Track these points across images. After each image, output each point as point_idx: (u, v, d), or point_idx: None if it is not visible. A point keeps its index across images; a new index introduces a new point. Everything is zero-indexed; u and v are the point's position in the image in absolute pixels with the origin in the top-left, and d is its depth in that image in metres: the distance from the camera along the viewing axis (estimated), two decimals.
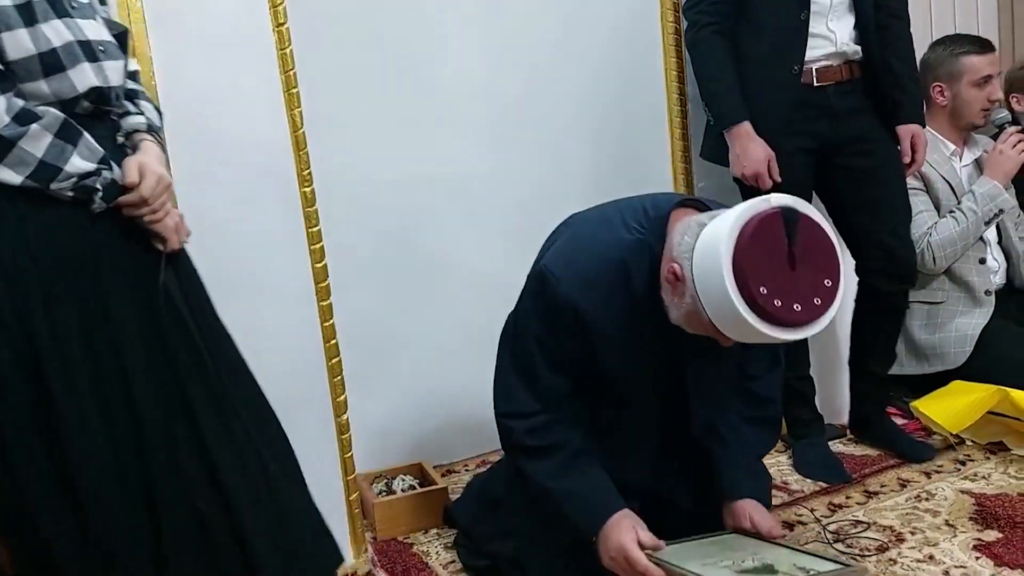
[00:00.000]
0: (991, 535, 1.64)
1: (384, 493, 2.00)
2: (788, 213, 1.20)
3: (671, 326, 1.35)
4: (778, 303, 1.17)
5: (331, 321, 1.75)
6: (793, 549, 1.40)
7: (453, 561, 1.77)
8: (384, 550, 1.85)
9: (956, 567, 1.55)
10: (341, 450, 1.80)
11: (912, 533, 1.68)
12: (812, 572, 1.29)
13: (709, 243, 1.22)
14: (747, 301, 1.18)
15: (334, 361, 1.76)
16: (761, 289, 1.16)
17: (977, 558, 1.57)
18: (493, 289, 1.73)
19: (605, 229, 1.42)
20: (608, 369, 1.44)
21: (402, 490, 2.00)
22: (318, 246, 1.70)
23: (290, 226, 1.68)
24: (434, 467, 2.18)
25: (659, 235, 1.36)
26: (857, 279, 2.00)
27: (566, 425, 1.45)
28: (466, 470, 2.26)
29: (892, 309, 2.05)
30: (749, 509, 1.46)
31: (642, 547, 1.34)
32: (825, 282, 1.20)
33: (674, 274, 1.28)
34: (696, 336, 1.33)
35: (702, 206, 1.39)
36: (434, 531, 1.92)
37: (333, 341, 1.75)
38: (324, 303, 1.73)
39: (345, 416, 1.79)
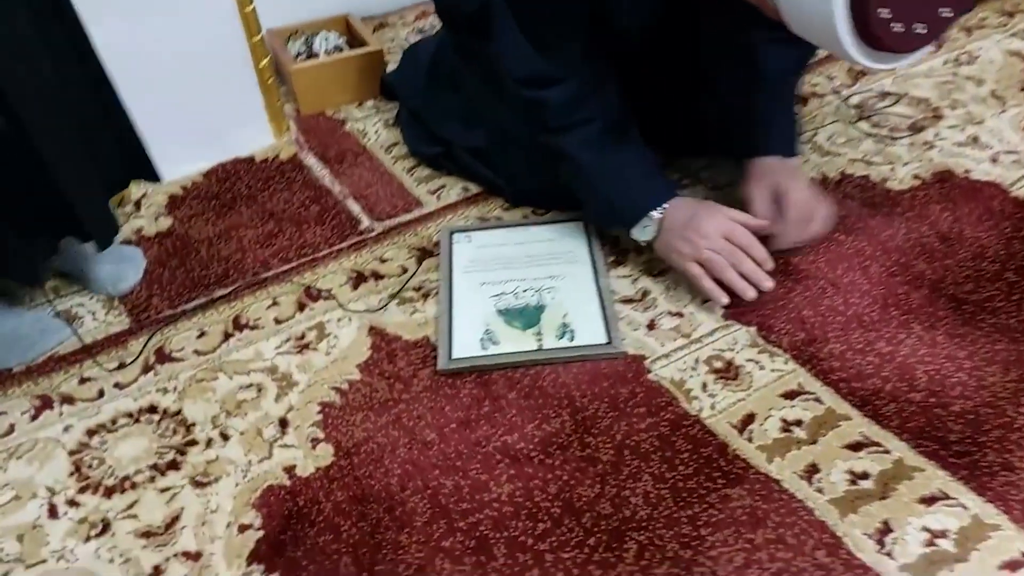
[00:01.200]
0: None
1: (304, 56, 1.60)
2: None
3: None
4: (897, 27, 0.77)
5: None
6: (600, 295, 1.10)
7: (396, 143, 1.45)
8: (311, 127, 1.52)
9: (1007, 152, 1.30)
10: (240, 2, 1.35)
11: (952, 108, 1.40)
12: (567, 345, 1.03)
13: None
14: (858, 25, 0.77)
15: None
16: (879, 11, 0.76)
17: None
18: None
19: None
20: (616, 22, 1.05)
21: (326, 52, 1.60)
22: None
23: None
24: (363, 19, 1.76)
25: None
26: None
27: (602, 89, 1.09)
28: (403, 23, 1.84)
29: None
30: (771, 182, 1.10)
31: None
32: None
33: None
34: None
35: None
36: (370, 103, 1.58)
37: None
38: None
39: None
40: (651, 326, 1.06)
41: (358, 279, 1.18)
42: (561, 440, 0.93)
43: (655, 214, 1.07)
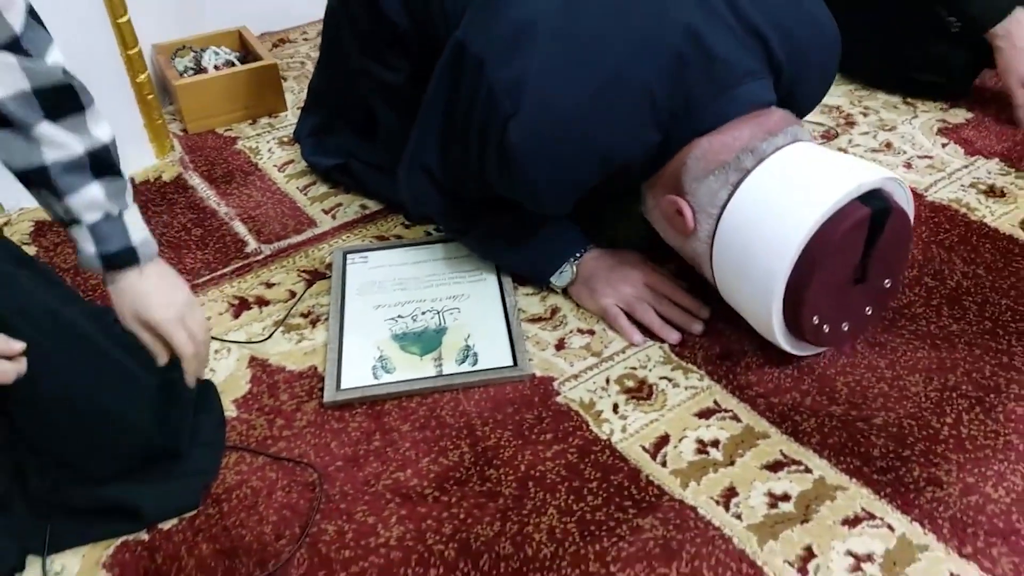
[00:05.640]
0: (958, 116, 1.36)
1: (191, 71, 1.49)
2: (879, 214, 0.82)
3: None
4: (826, 328, 0.86)
5: None
6: (506, 314, 1.02)
7: (292, 161, 1.36)
8: (199, 147, 1.41)
9: (920, 156, 1.27)
10: (112, 12, 1.25)
11: (864, 114, 1.37)
12: (469, 370, 0.94)
13: (755, 230, 0.84)
14: (789, 324, 0.87)
15: None
16: (814, 319, 0.85)
17: (944, 144, 1.29)
18: None
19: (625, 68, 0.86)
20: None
21: (215, 67, 1.50)
22: None
23: None
24: (260, 35, 1.67)
25: (687, 131, 0.88)
26: None
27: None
28: (304, 38, 1.76)
29: None
30: None
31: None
32: (885, 283, 0.88)
33: (679, 212, 0.90)
34: None
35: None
36: (264, 120, 1.48)
37: None
38: None
39: None
40: (560, 345, 0.98)
41: (240, 306, 1.08)
42: (459, 474, 0.84)
43: (572, 261, 1.02)
